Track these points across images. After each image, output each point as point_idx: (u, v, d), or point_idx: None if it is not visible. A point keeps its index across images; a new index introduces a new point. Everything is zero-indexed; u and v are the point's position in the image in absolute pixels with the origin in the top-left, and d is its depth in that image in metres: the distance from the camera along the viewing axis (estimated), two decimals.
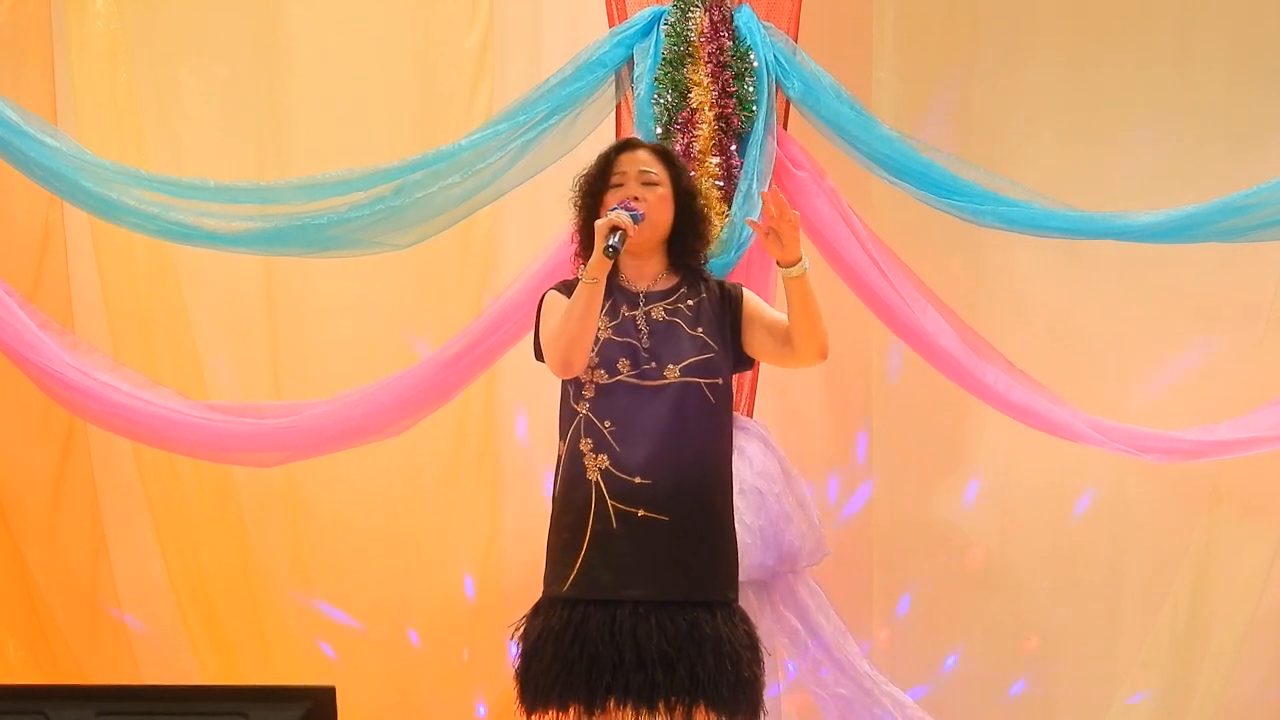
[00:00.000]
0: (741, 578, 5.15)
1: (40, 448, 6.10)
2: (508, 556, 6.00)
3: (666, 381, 4.57)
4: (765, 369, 5.49)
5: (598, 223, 4.54)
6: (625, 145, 4.79)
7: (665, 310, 4.63)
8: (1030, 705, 6.01)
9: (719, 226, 5.41)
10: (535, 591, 4.65)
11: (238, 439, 5.72)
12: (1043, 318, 6.01)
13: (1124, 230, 5.47)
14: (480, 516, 6.05)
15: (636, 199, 4.62)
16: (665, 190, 4.67)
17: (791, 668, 5.61)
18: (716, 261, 5.37)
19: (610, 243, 4.47)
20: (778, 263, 4.55)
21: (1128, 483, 5.93)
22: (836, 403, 6.15)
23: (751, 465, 5.41)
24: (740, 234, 5.41)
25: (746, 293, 4.76)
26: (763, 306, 4.74)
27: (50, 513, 6.11)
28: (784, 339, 4.65)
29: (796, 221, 4.50)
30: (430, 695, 6.04)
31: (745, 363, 4.76)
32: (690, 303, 4.67)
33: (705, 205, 4.84)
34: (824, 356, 4.63)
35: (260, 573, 6.04)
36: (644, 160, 4.70)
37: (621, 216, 4.52)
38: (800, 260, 4.51)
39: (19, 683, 5.60)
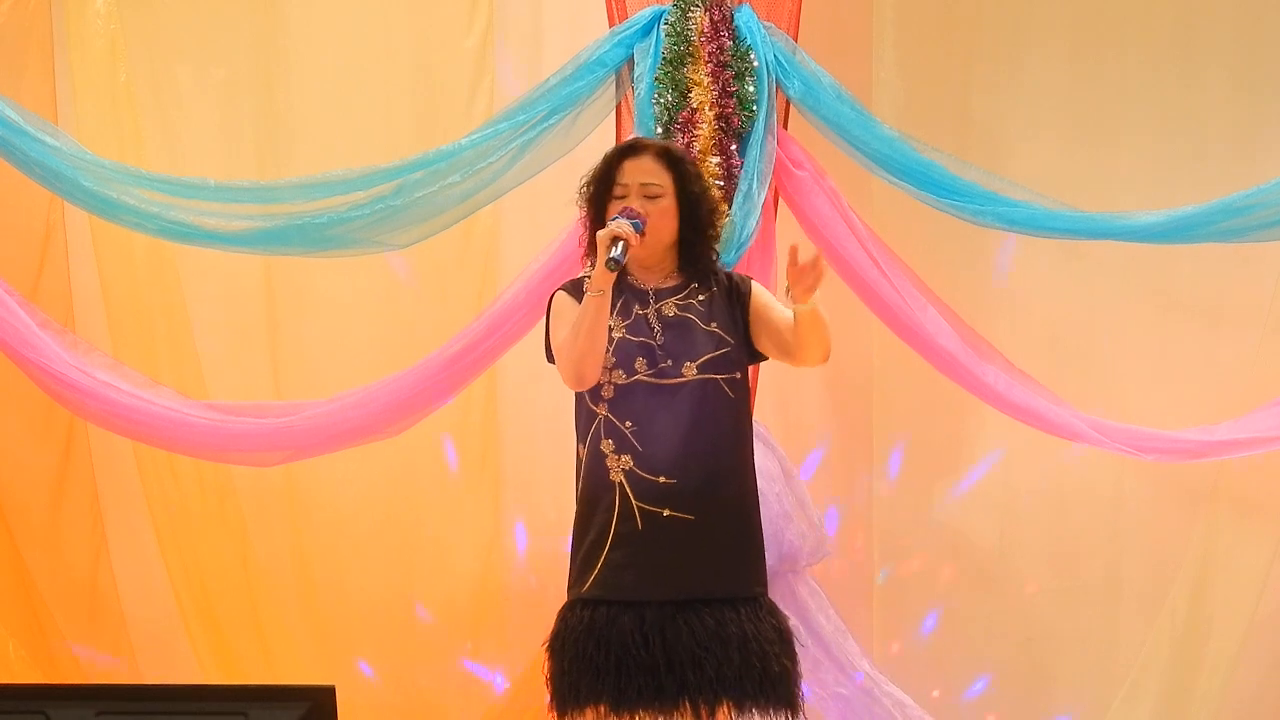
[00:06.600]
0: None
1: (41, 448, 6.10)
2: (509, 555, 6.00)
3: (684, 379, 4.55)
4: (765, 369, 5.48)
5: (600, 233, 4.50)
6: (630, 149, 4.71)
7: (677, 306, 4.59)
8: (1030, 705, 6.01)
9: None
10: (537, 589, 4.66)
11: (238, 439, 5.71)
12: (1043, 318, 6.00)
13: (1124, 230, 5.47)
14: (481, 516, 6.04)
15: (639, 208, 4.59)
16: (668, 201, 4.62)
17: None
18: None
19: (612, 255, 4.44)
20: (793, 298, 4.51)
21: (1127, 483, 5.93)
22: (836, 402, 6.14)
23: None
24: (740, 234, 5.40)
25: (755, 286, 4.74)
26: (770, 303, 4.71)
27: (50, 513, 6.11)
28: (786, 340, 4.63)
29: (819, 276, 4.45)
30: (433, 692, 6.04)
31: (757, 355, 4.74)
32: (702, 298, 4.65)
33: (715, 205, 4.79)
34: (826, 360, 4.64)
35: (260, 573, 6.04)
36: (647, 170, 4.64)
37: (623, 226, 4.48)
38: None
39: (19, 682, 5.59)
